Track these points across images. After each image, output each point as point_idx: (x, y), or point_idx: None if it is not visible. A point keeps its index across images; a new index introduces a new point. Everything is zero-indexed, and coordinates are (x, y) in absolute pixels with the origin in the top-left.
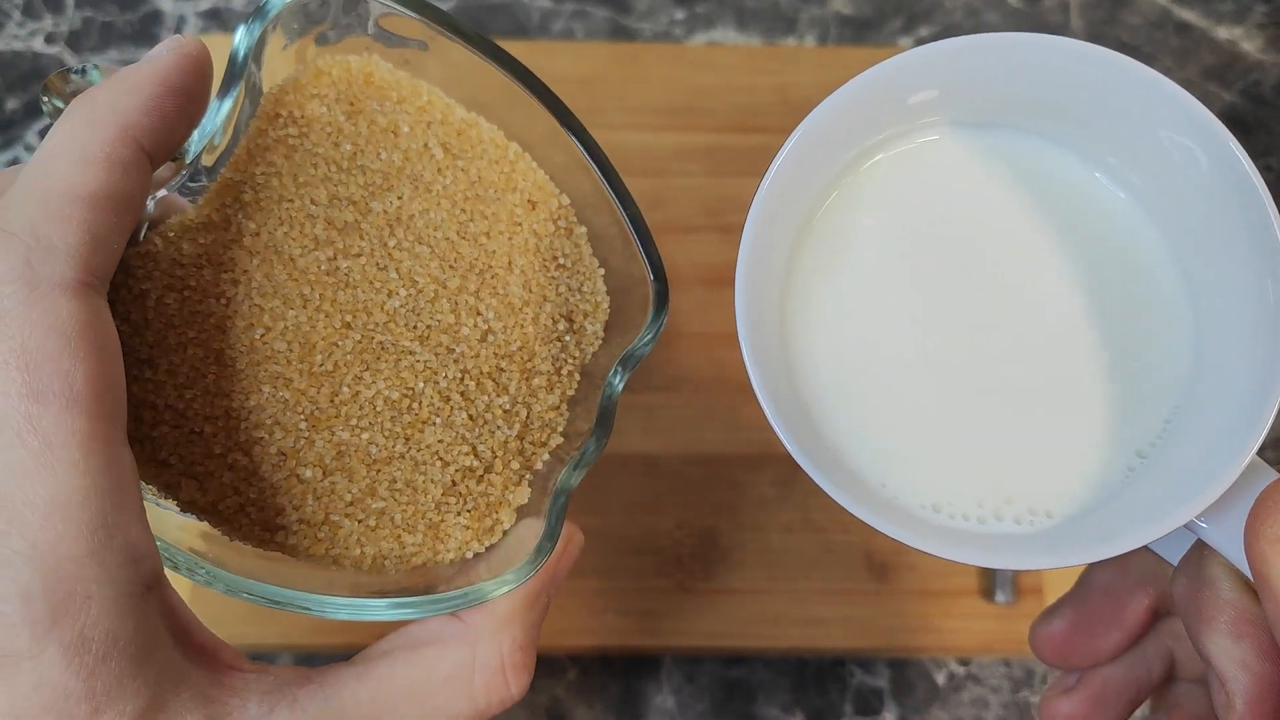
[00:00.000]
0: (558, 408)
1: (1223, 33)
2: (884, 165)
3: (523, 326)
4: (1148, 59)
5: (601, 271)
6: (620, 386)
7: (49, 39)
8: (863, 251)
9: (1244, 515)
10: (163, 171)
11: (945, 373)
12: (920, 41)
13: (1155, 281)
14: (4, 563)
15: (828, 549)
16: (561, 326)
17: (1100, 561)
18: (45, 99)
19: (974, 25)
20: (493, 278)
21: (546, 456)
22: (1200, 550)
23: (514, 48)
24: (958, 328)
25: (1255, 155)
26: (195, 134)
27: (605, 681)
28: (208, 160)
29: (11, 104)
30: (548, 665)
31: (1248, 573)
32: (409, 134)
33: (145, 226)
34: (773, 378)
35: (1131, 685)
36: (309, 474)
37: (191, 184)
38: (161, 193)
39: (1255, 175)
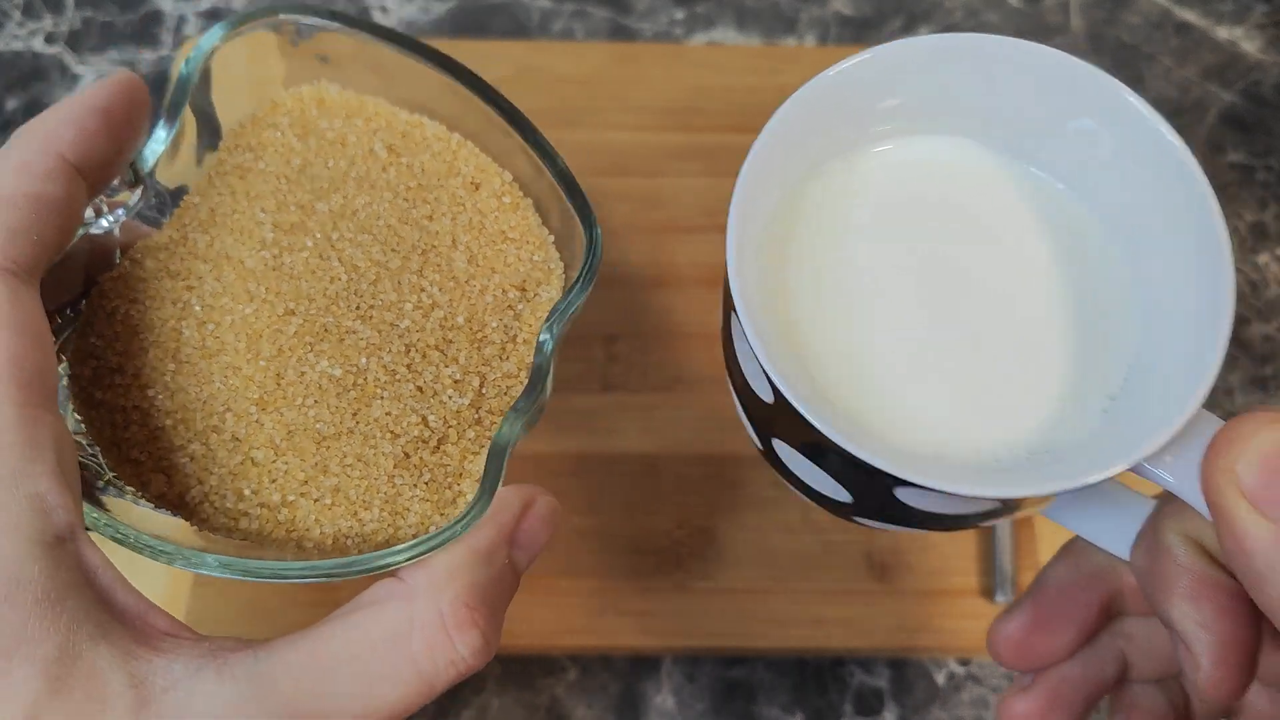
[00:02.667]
0: (515, 375)
1: (1223, 32)
2: (857, 164)
3: (469, 299)
4: (1148, 59)
5: (552, 239)
6: (551, 339)
7: (49, 39)
8: (850, 235)
9: (1198, 458)
10: (125, 197)
11: (924, 330)
12: None
13: (1099, 248)
14: None
15: (827, 549)
16: (513, 295)
17: (1054, 559)
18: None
19: (973, 25)
20: (436, 256)
21: None
22: (1155, 524)
23: (514, 48)
24: (937, 292)
25: (1255, 156)
26: (146, 154)
27: (605, 681)
28: (168, 182)
29: (11, 104)
30: (547, 665)
31: (1204, 511)
32: (355, 142)
33: (118, 253)
34: (760, 320)
35: (1087, 684)
36: (261, 455)
37: (160, 216)
38: (120, 212)
39: (1175, 139)
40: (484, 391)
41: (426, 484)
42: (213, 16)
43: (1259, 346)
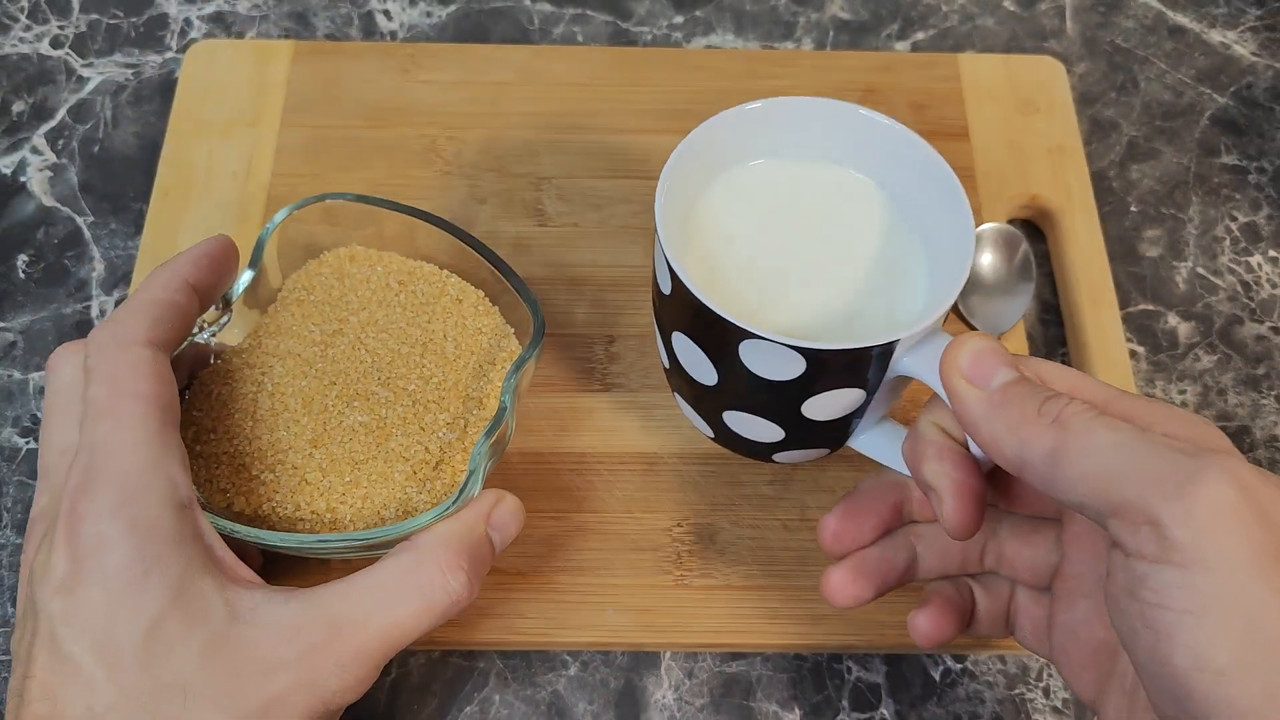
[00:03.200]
0: (488, 418)
1: (1216, 36)
2: (740, 174)
3: (455, 371)
4: (1141, 62)
5: (512, 330)
6: (511, 386)
7: (54, 42)
8: (736, 211)
9: (938, 355)
10: (217, 317)
11: (784, 268)
12: (915, 45)
13: (898, 222)
14: (99, 482)
15: None
16: (484, 367)
17: (866, 476)
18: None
19: (968, 29)
20: (433, 345)
21: None
22: (915, 422)
23: (515, 52)
24: (791, 246)
25: (1248, 158)
26: (235, 289)
27: (605, 677)
28: (247, 317)
29: (18, 106)
30: (548, 661)
31: (940, 391)
32: (375, 280)
33: (212, 356)
34: (672, 239)
35: (883, 563)
36: (312, 478)
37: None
38: (214, 329)
39: (934, 151)
40: (467, 430)
41: (429, 491)
42: (216, 20)
43: (1252, 347)
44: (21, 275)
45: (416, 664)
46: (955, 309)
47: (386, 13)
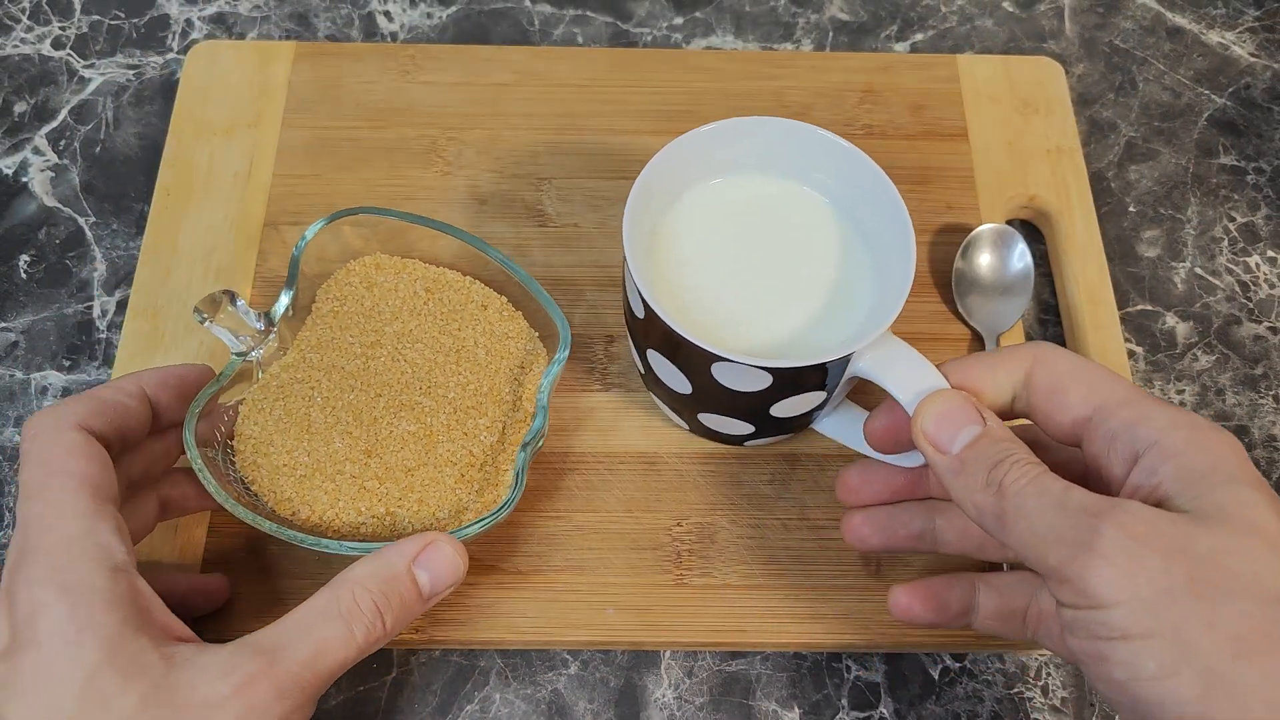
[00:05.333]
0: (523, 420)
1: (1214, 37)
2: (701, 192)
3: (489, 377)
4: (1140, 63)
5: (536, 335)
6: (547, 391)
7: (56, 43)
8: (698, 227)
9: (890, 358)
10: (263, 337)
11: (741, 283)
12: (915, 46)
13: (848, 235)
14: (32, 555)
15: (824, 545)
16: (516, 372)
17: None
18: (197, 312)
19: (968, 30)
20: (465, 353)
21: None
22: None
23: (516, 53)
24: (749, 261)
25: (1246, 158)
26: (276, 309)
27: (605, 676)
28: (285, 331)
29: (20, 107)
30: (548, 660)
31: (891, 393)
32: (403, 288)
33: (258, 370)
34: (640, 263)
35: (894, 521)
36: (370, 485)
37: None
38: (261, 347)
39: (877, 168)
40: (505, 432)
41: (477, 491)
42: (218, 21)
43: (1250, 346)
44: (23, 275)
45: (417, 663)
46: (955, 310)
47: (387, 14)
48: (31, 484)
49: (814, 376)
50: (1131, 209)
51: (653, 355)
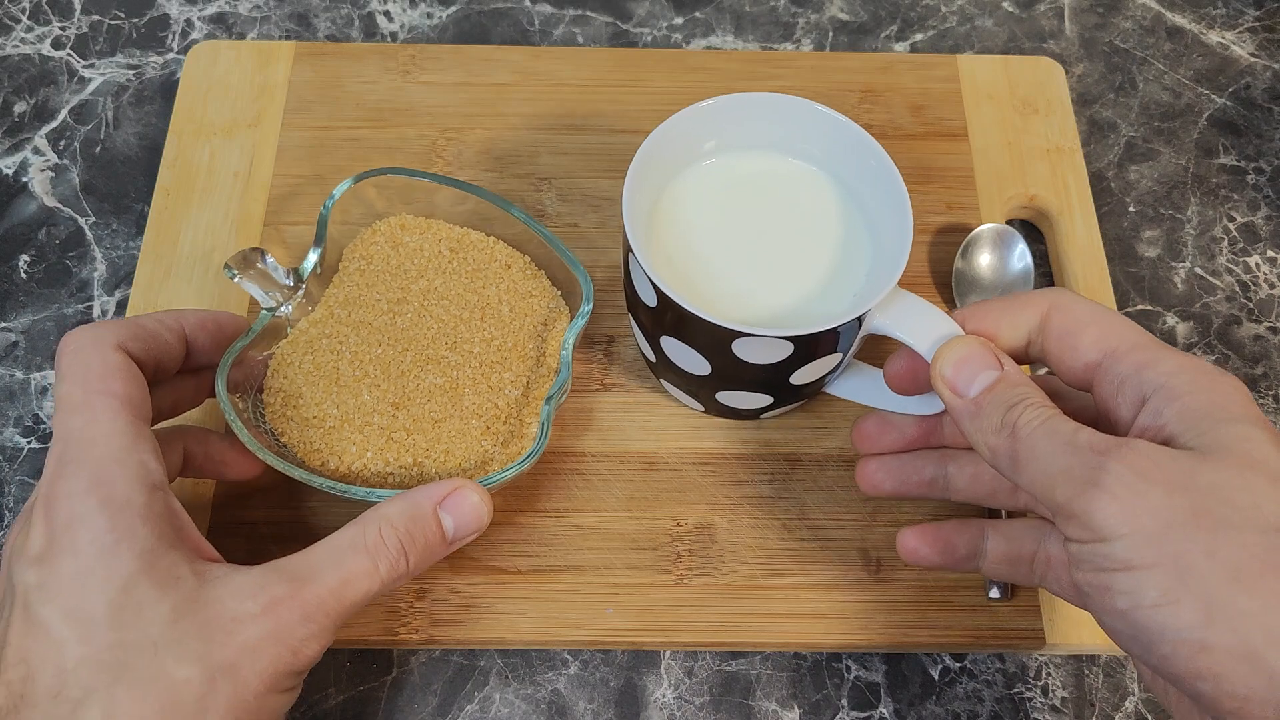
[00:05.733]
0: (547, 375)
1: (1214, 37)
2: (694, 170)
3: (514, 333)
4: (1140, 63)
5: (559, 293)
6: (570, 345)
7: (56, 43)
8: (697, 204)
9: (903, 311)
10: (292, 293)
11: (745, 255)
12: (914, 46)
13: (844, 204)
14: (73, 466)
15: (824, 545)
16: (539, 328)
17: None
18: (228, 268)
19: (967, 30)
20: (490, 310)
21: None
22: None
23: (516, 53)
24: (750, 234)
25: (1246, 158)
26: (305, 266)
27: (605, 676)
28: (313, 288)
29: (20, 107)
30: (548, 659)
31: (905, 341)
32: (428, 247)
33: (288, 326)
34: (645, 251)
35: (906, 467)
36: (399, 436)
37: (305, 303)
38: (290, 303)
39: (870, 138)
40: (529, 386)
41: (502, 443)
42: (218, 21)
43: (1250, 346)
44: (23, 275)
45: (417, 663)
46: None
47: (387, 14)
48: (73, 398)
49: (831, 340)
50: (1131, 209)
51: (666, 341)
